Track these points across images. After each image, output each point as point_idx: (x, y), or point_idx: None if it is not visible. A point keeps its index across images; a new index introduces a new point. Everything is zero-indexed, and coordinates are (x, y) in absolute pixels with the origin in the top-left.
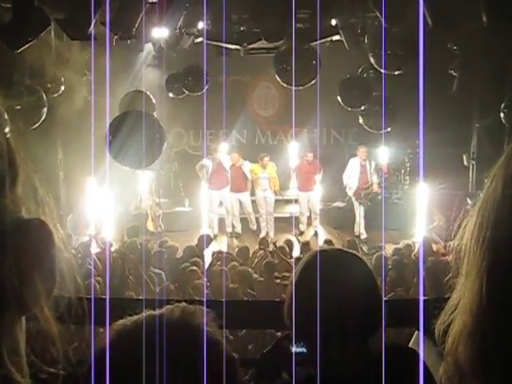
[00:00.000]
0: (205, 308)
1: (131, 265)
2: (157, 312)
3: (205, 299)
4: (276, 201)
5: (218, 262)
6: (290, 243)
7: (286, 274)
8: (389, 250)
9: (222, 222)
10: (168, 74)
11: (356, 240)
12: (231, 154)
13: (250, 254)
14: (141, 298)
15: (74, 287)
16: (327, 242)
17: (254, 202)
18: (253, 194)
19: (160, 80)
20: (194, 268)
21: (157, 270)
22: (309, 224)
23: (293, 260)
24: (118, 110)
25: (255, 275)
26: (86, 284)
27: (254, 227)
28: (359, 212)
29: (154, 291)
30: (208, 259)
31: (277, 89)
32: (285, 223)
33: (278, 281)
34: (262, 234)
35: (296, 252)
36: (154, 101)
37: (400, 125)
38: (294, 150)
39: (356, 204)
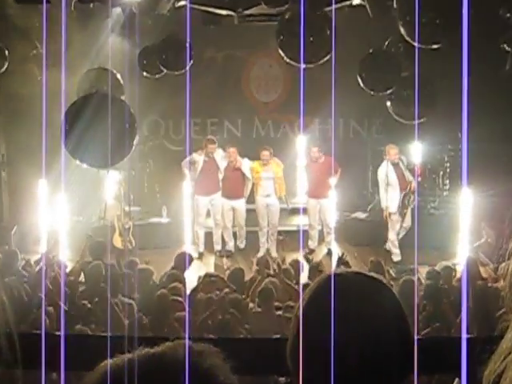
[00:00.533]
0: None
1: (93, 292)
2: (155, 350)
3: (187, 335)
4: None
5: (205, 288)
6: (296, 265)
7: (290, 304)
8: (423, 273)
9: (209, 236)
10: (141, 47)
11: (382, 261)
12: (226, 148)
13: (246, 277)
14: (105, 334)
15: (3, 322)
16: (343, 263)
17: (250, 211)
18: (251, 200)
19: (131, 55)
20: (174, 297)
21: (126, 299)
22: (321, 240)
23: (299, 286)
24: (76, 92)
25: (251, 305)
26: (34, 317)
27: (243, 245)
28: (397, 225)
29: (122, 326)
30: (191, 284)
31: (280, 67)
32: (290, 239)
33: (280, 312)
34: (261, 253)
35: (304, 276)
36: (121, 81)
37: (438, 114)
38: (303, 146)
39: (394, 216)
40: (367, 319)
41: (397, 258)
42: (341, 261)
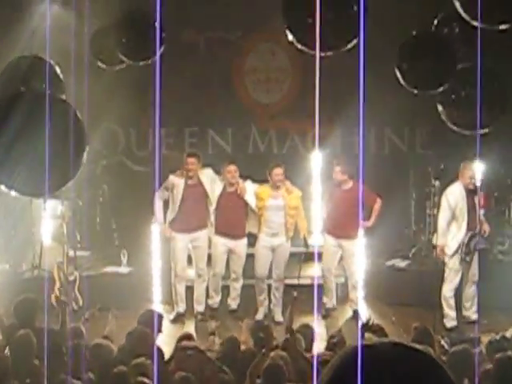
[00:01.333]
0: None
1: (24, 371)
2: None
3: None
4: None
5: (180, 365)
6: (308, 332)
7: None
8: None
9: (189, 292)
10: (94, 27)
11: (430, 328)
12: (223, 166)
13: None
14: None
15: None
16: (374, 330)
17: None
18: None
19: (79, 38)
20: (138, 377)
21: (72, 381)
22: (343, 298)
23: (313, 361)
24: None
25: None
26: None
27: (235, 304)
28: (456, 277)
29: None
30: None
31: (287, 56)
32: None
33: None
34: (260, 315)
35: (319, 347)
36: (61, 76)
37: (509, 121)
38: (318, 166)
39: (454, 263)
40: None
41: (451, 323)
42: (366, 328)
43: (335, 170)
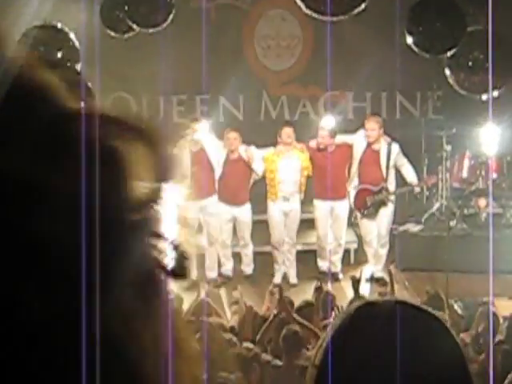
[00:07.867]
0: None
1: None
2: None
3: None
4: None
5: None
6: (323, 296)
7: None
8: (501, 308)
9: (200, 259)
10: None
11: (441, 293)
12: (225, 133)
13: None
14: None
15: None
16: (383, 293)
17: (258, 222)
18: (258, 207)
19: (90, 7)
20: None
21: None
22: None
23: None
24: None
25: (267, 357)
26: None
27: (250, 269)
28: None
29: None
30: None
31: (297, 21)
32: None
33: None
34: (277, 279)
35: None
36: (77, 44)
37: None
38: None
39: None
40: (411, 371)
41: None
42: (382, 295)
43: (322, 131)
